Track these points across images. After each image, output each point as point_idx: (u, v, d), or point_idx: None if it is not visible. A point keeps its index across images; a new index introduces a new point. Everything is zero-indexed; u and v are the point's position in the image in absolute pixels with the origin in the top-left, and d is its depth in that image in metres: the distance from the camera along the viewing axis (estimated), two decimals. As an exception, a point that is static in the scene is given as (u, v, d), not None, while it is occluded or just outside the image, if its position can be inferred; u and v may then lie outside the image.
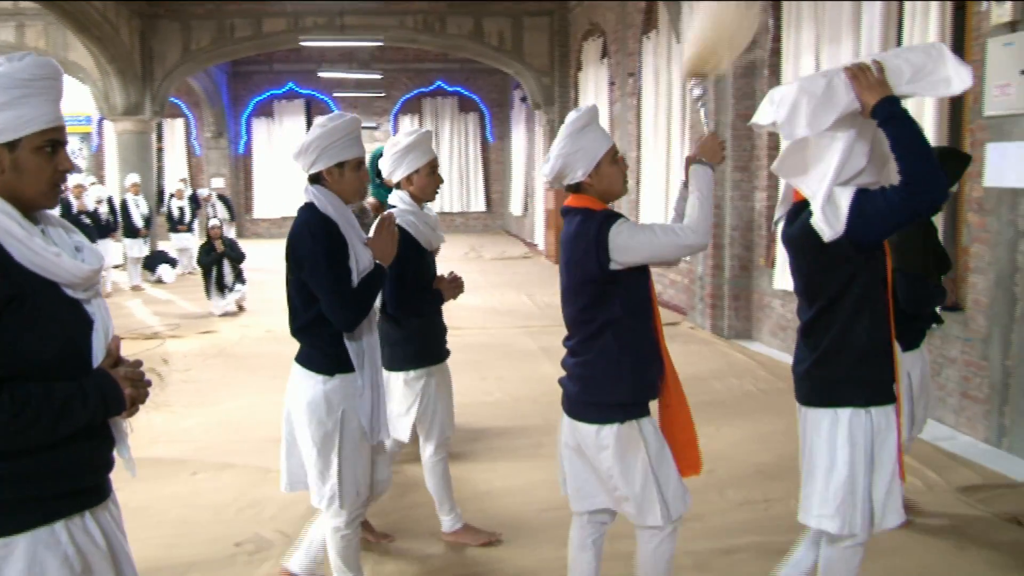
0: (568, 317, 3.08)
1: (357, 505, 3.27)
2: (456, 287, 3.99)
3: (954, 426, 5.90)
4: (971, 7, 5.81)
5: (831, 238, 2.74)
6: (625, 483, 2.95)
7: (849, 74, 2.74)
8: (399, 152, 3.88)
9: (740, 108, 8.72)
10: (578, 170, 2.96)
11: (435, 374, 3.99)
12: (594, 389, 2.97)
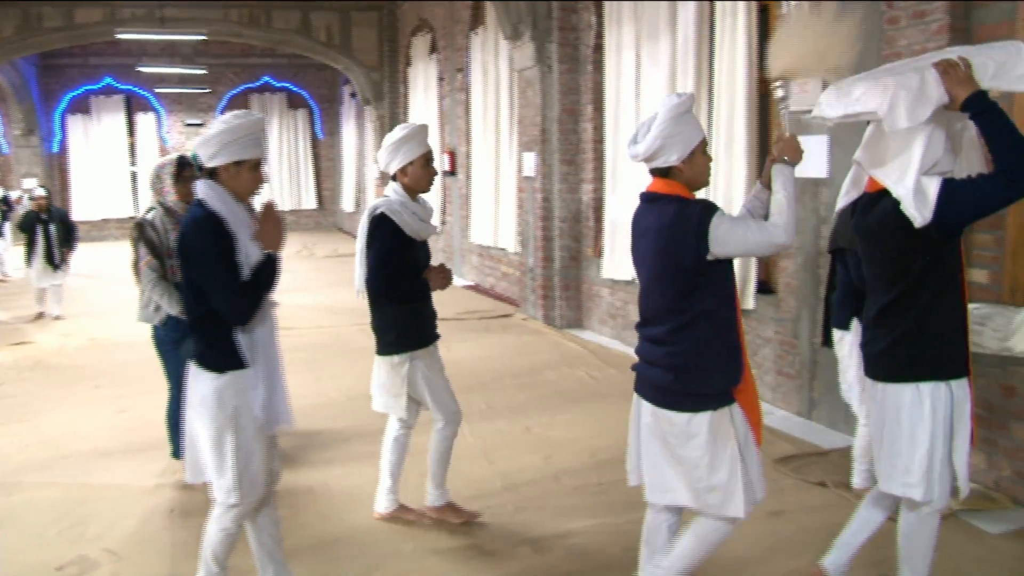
0: (653, 306, 3.04)
1: (253, 498, 3.24)
2: (444, 278, 4.13)
3: (771, 401, 6.23)
4: (773, 9, 6.13)
5: (921, 224, 2.86)
6: (712, 472, 2.94)
7: (940, 69, 2.87)
8: (393, 144, 4.01)
9: (565, 103, 8.92)
10: (673, 154, 2.94)
11: (421, 358, 4.12)
12: (690, 378, 2.94)
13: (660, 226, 2.95)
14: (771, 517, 4.32)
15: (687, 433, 2.95)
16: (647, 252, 3.03)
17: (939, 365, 3.00)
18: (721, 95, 6.50)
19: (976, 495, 4.46)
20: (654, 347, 3.03)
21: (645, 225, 3.04)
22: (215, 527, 3.29)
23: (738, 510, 2.95)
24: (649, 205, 3.05)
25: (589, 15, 8.62)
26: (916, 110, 2.87)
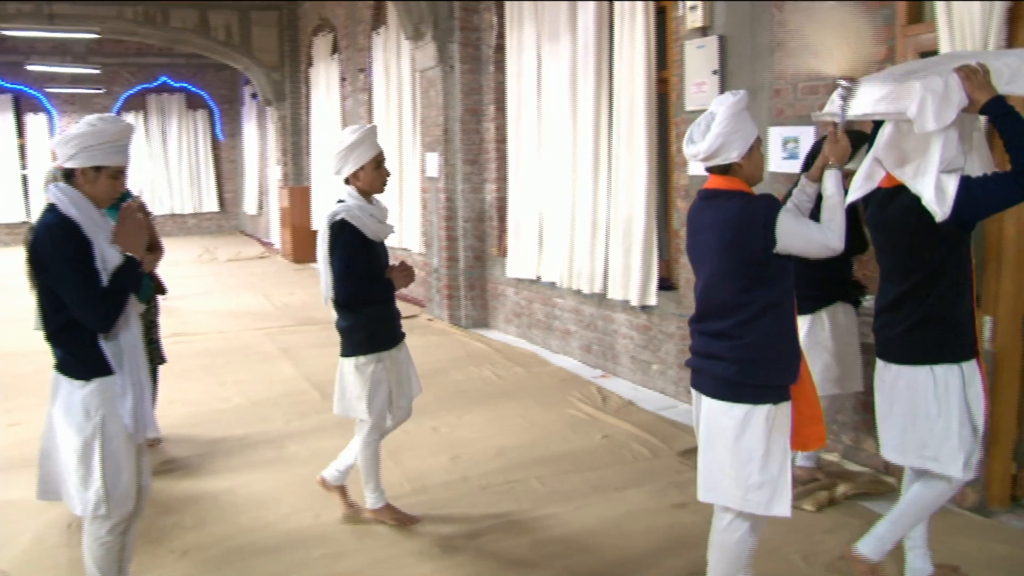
0: (716, 301, 3.05)
1: (125, 509, 3.11)
2: (407, 275, 4.17)
3: (674, 396, 6.32)
4: (670, 12, 6.23)
5: (942, 219, 3.03)
6: (763, 467, 2.95)
7: (962, 74, 3.02)
8: (344, 149, 3.99)
9: (467, 103, 8.89)
10: (733, 151, 2.96)
11: (385, 359, 4.11)
12: (755, 370, 2.96)
13: (725, 221, 2.98)
14: (676, 509, 4.38)
15: (744, 425, 2.96)
16: (710, 247, 3.04)
17: (953, 349, 3.19)
18: (621, 95, 6.56)
19: (868, 479, 4.60)
20: (716, 341, 3.06)
21: (706, 221, 3.06)
22: (92, 542, 3.15)
23: (784, 509, 2.98)
24: (709, 202, 3.07)
25: (490, 15, 8.61)
26: (942, 113, 3.01)
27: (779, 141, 5.16)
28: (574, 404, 6.24)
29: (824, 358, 4.29)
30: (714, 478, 3.07)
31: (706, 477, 3.11)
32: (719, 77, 5.60)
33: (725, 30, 5.58)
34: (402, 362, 4.27)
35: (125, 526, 3.18)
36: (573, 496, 4.59)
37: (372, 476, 4.28)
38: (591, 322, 7.31)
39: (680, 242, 6.18)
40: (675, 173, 6.25)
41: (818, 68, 3.33)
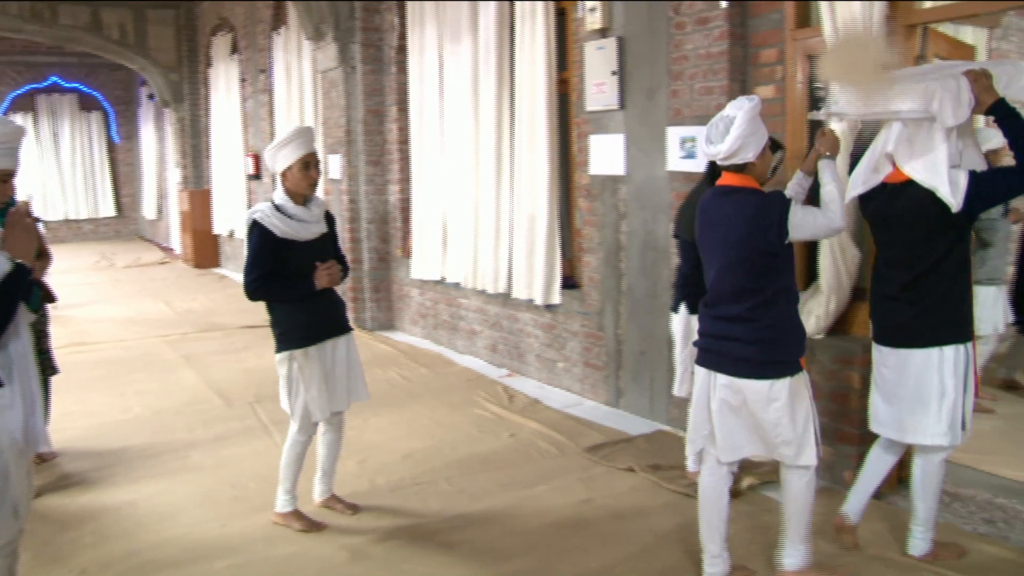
0: (732, 287, 3.30)
1: (15, 528, 2.95)
2: (330, 276, 4.08)
3: (580, 393, 6.38)
4: (570, 13, 6.28)
5: (956, 210, 3.29)
6: (791, 429, 3.27)
7: (971, 78, 3.30)
8: (274, 148, 4.02)
9: (369, 104, 8.80)
10: (750, 152, 3.22)
11: (299, 357, 4.06)
12: (774, 348, 3.26)
13: (743, 215, 3.24)
14: (582, 505, 4.41)
15: (768, 398, 3.25)
16: (726, 239, 3.30)
17: (958, 331, 3.45)
18: (522, 95, 6.58)
19: (769, 468, 4.71)
20: (732, 324, 3.31)
21: (723, 215, 3.31)
22: None
23: (810, 458, 3.33)
24: (726, 197, 3.32)
25: (392, 16, 8.54)
26: (958, 111, 3.31)
27: (677, 141, 5.25)
28: (481, 404, 6.23)
29: None
30: (734, 440, 3.38)
31: (724, 441, 3.39)
32: (618, 78, 5.67)
33: (624, 31, 5.65)
34: (335, 361, 4.20)
35: (13, 547, 3.03)
36: (481, 496, 4.58)
37: (289, 477, 4.22)
38: (496, 322, 7.32)
39: (582, 241, 6.24)
40: (576, 173, 6.30)
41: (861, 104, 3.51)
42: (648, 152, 5.53)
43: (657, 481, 4.64)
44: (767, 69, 4.88)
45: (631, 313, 5.80)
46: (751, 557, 3.77)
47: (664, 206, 5.42)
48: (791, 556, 3.51)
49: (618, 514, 4.28)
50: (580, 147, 6.19)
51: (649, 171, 5.54)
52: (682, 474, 4.65)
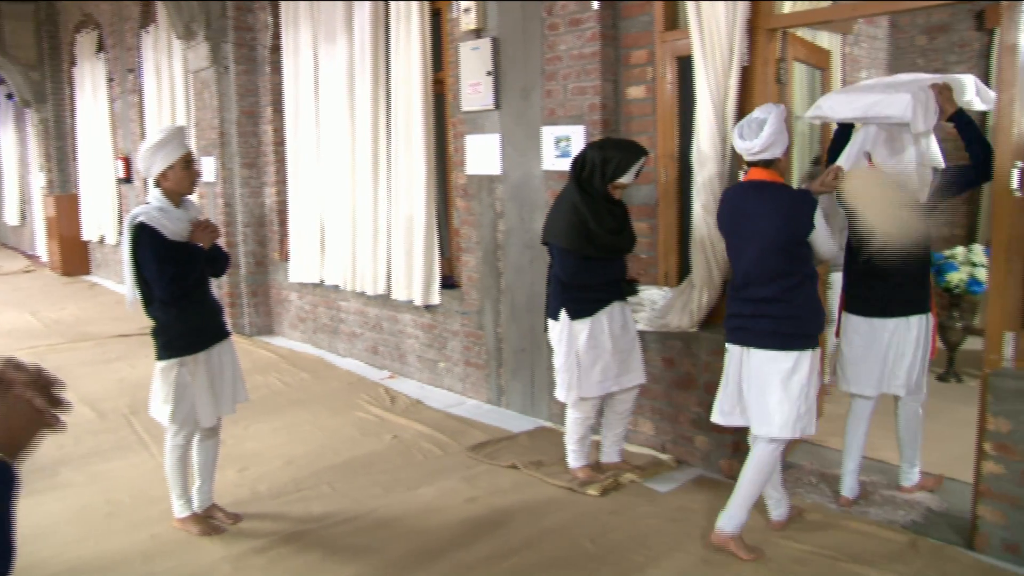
0: (765, 271, 3.63)
1: None
2: (210, 232, 4.01)
3: (461, 392, 6.35)
4: (445, 13, 6.25)
5: (923, 201, 3.82)
6: (807, 398, 3.63)
7: (936, 90, 3.84)
8: (150, 149, 3.89)
9: (243, 105, 8.56)
10: (778, 149, 3.64)
11: (189, 363, 3.97)
12: (801, 324, 3.62)
13: (778, 207, 3.62)
14: (467, 503, 4.38)
15: (793, 369, 3.61)
16: (762, 228, 3.63)
17: (927, 302, 4.02)
18: (398, 96, 6.51)
19: (649, 461, 4.80)
20: (765, 304, 3.65)
21: (756, 206, 3.67)
22: None
23: (814, 430, 3.73)
24: (757, 191, 3.69)
25: (265, 15, 8.33)
26: (927, 119, 3.79)
27: (552, 140, 5.29)
28: (363, 407, 6.14)
29: (604, 359, 4.34)
30: (766, 413, 3.67)
31: (758, 413, 3.70)
32: (493, 78, 5.67)
33: (498, 32, 5.65)
34: (222, 365, 4.12)
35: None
36: (365, 499, 4.50)
37: (178, 483, 4.10)
38: (377, 323, 7.23)
39: (460, 240, 6.22)
40: (453, 172, 6.28)
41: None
42: (524, 151, 5.55)
43: (540, 477, 4.65)
44: (638, 70, 4.95)
45: (510, 311, 5.81)
46: (635, 547, 3.82)
47: (540, 204, 5.45)
48: (725, 520, 3.78)
49: (502, 511, 4.28)
50: (456, 147, 6.16)
51: (525, 170, 5.56)
52: (564, 469, 4.68)
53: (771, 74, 4.43)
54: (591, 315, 4.31)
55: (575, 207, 4.19)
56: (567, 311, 4.32)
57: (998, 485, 3.61)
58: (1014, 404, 3.52)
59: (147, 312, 3.99)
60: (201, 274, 4.01)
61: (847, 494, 4.24)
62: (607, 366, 4.37)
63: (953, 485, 4.41)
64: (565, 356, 4.35)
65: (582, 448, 4.60)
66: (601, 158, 4.17)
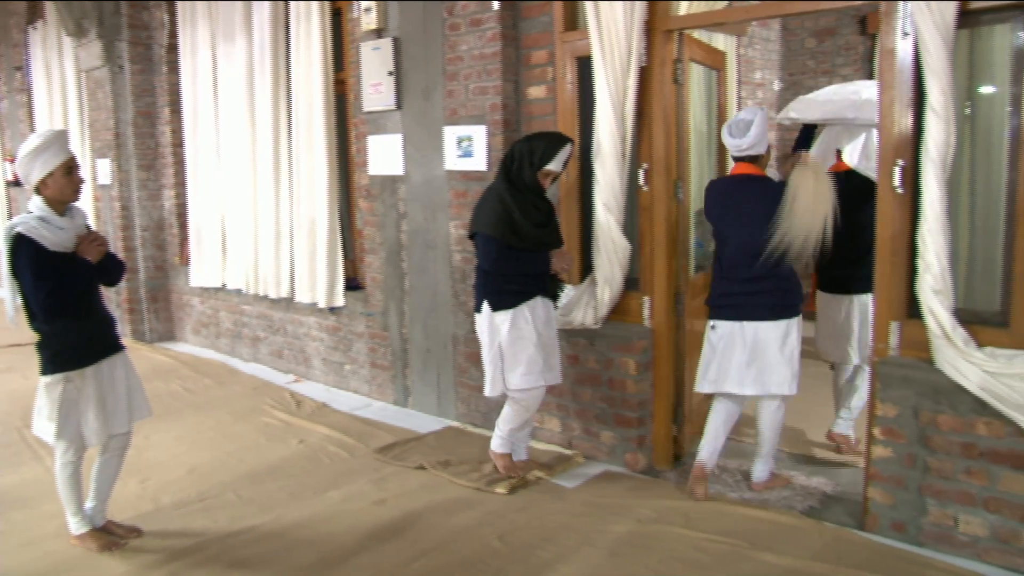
0: (752, 253, 4.05)
1: None
2: (98, 244, 3.83)
3: (368, 394, 6.28)
4: (346, 13, 6.17)
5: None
6: (793, 362, 4.12)
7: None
8: (28, 156, 3.68)
9: (139, 105, 8.29)
10: (763, 146, 4.17)
11: (76, 379, 3.77)
12: (788, 296, 4.13)
13: (765, 196, 4.06)
14: (375, 506, 4.32)
15: (784, 335, 4.11)
16: (750, 216, 4.07)
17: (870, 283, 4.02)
18: (299, 96, 6.40)
19: (555, 457, 4.82)
20: (755, 282, 4.10)
21: (742, 196, 4.16)
22: None
23: (793, 389, 4.15)
24: (743, 183, 4.19)
25: (161, 13, 8.08)
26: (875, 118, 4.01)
27: (454, 140, 5.27)
28: (268, 412, 6.01)
29: (528, 350, 4.31)
30: (764, 376, 4.12)
31: (757, 377, 4.14)
32: (395, 78, 5.62)
33: (399, 32, 5.60)
34: (114, 380, 3.90)
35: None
36: (271, 506, 4.39)
37: (72, 500, 3.91)
38: (281, 327, 7.10)
39: (363, 241, 6.16)
40: (356, 173, 6.20)
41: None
42: (426, 152, 5.52)
43: (448, 477, 4.63)
44: (538, 70, 4.98)
45: (415, 312, 5.77)
46: (544, 544, 3.84)
47: (443, 205, 5.43)
48: (760, 470, 4.39)
49: (411, 512, 4.23)
50: (359, 148, 6.09)
51: (427, 170, 5.52)
52: (473, 468, 4.67)
53: (668, 74, 4.50)
54: (513, 307, 4.28)
55: (500, 198, 4.22)
56: (488, 303, 4.31)
57: (886, 468, 3.74)
58: (900, 390, 3.65)
59: (31, 325, 3.77)
60: (89, 285, 3.81)
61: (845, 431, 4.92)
62: (532, 359, 4.32)
63: (848, 470, 4.57)
64: (488, 348, 4.34)
65: (511, 436, 4.58)
66: (528, 148, 4.22)
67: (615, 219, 4.47)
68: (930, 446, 3.61)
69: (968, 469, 3.52)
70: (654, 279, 4.60)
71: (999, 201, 3.51)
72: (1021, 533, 3.43)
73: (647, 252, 4.61)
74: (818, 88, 8.26)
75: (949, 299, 3.47)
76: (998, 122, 3.51)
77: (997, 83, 3.53)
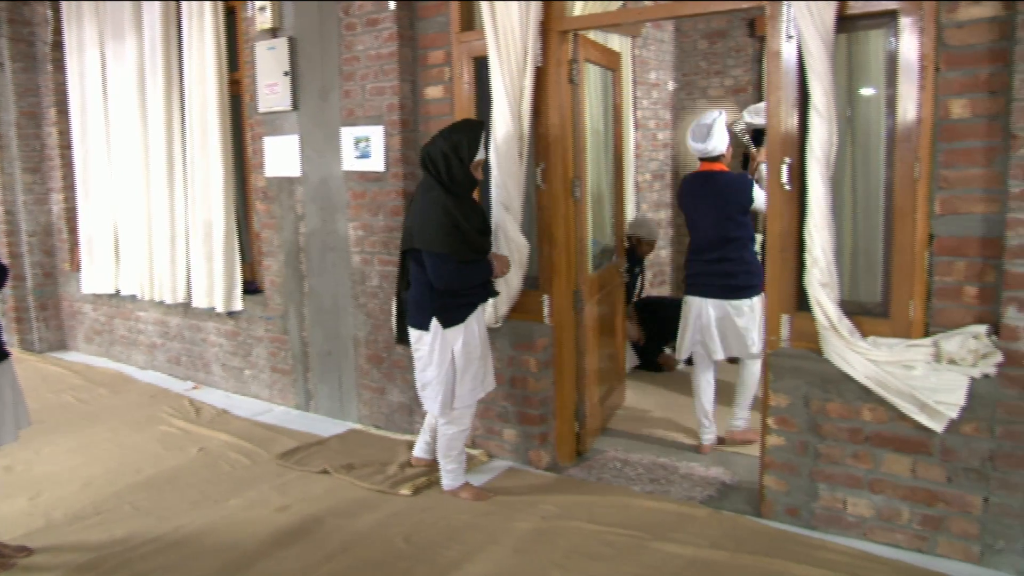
0: (720, 236, 4.74)
1: None
2: None
3: (269, 399, 6.15)
4: (240, 12, 6.02)
5: None
6: (758, 331, 4.68)
7: None
8: None
9: (23, 105, 7.90)
10: (723, 146, 4.82)
11: None
12: (752, 276, 4.73)
13: (728, 186, 4.77)
14: (278, 513, 4.23)
15: (751, 311, 4.76)
16: (716, 205, 4.75)
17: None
18: (193, 96, 6.21)
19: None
20: (722, 264, 4.74)
21: (710, 188, 4.79)
22: None
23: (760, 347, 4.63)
24: (708, 178, 4.83)
25: (44, 9, 7.74)
26: None
27: (351, 141, 5.20)
28: (166, 420, 5.82)
29: (474, 364, 4.16)
30: (747, 340, 4.76)
31: (740, 343, 4.79)
32: (291, 78, 5.51)
33: (295, 31, 5.50)
34: (0, 389, 3.74)
35: None
36: (171, 516, 4.25)
37: None
38: (178, 333, 6.89)
39: (262, 244, 6.02)
40: (252, 175, 6.06)
41: None
42: (323, 153, 5.43)
43: (352, 480, 4.57)
44: (435, 70, 4.95)
45: (315, 314, 5.68)
46: (449, 543, 3.82)
47: (342, 206, 5.35)
48: (739, 419, 5.01)
49: (315, 517, 4.15)
50: (255, 149, 5.95)
51: (325, 172, 5.44)
52: (376, 470, 4.62)
53: (564, 74, 4.53)
54: (463, 321, 4.08)
55: (445, 209, 3.93)
56: (439, 320, 4.05)
57: (780, 455, 3.85)
58: (791, 380, 3.76)
59: None
60: None
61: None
62: (477, 371, 4.17)
63: (744, 459, 4.70)
64: (438, 367, 4.09)
65: (463, 463, 4.37)
66: (449, 145, 3.97)
67: (513, 218, 4.47)
68: (820, 433, 3.73)
69: (855, 453, 3.65)
70: (553, 277, 4.63)
71: (879, 197, 3.64)
72: (902, 511, 3.58)
73: (545, 251, 4.63)
74: (710, 88, 8.53)
75: (835, 292, 3.58)
76: (876, 123, 3.64)
77: (874, 85, 3.67)
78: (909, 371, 3.41)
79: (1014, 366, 3.27)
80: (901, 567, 3.46)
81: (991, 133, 3.31)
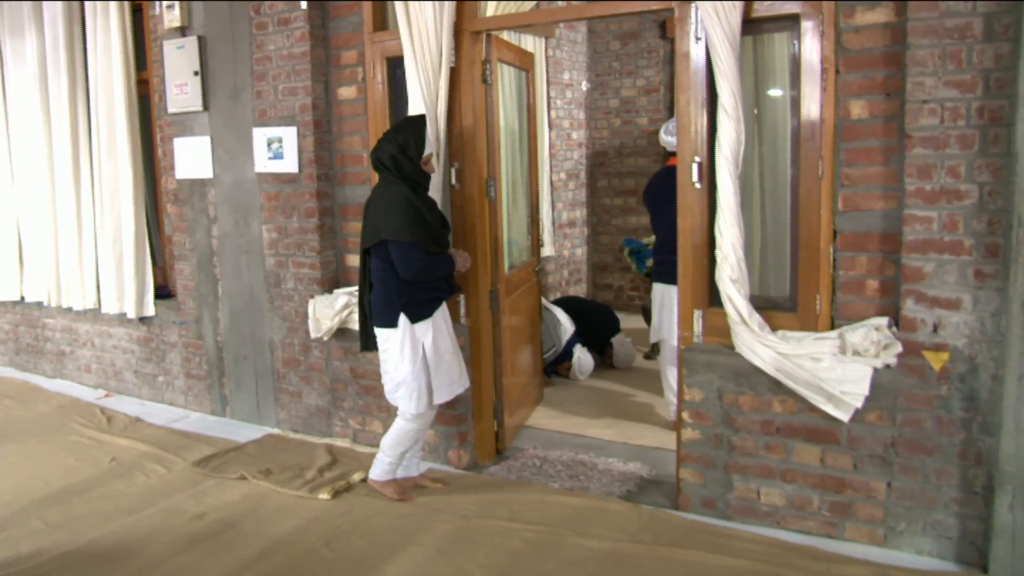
0: (671, 228, 4.26)
1: None
2: None
3: (184, 406, 5.99)
4: (147, 10, 5.84)
5: None
6: None
7: None
8: None
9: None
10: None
11: None
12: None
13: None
14: (194, 521, 4.12)
15: None
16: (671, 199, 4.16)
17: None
18: (99, 95, 6.00)
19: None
20: (672, 255, 4.27)
21: (673, 184, 4.10)
22: None
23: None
24: (674, 173, 4.16)
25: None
26: None
27: (263, 142, 5.10)
28: (76, 430, 5.60)
29: (447, 359, 4.11)
30: (669, 325, 4.95)
31: (669, 324, 4.99)
32: (201, 78, 5.37)
33: (204, 30, 5.35)
34: None
35: None
36: (82, 530, 4.08)
37: None
38: (88, 340, 6.65)
39: (173, 248, 5.86)
40: (163, 177, 5.89)
41: None
42: (235, 154, 5.30)
43: (271, 486, 4.48)
44: (348, 70, 4.88)
45: (229, 318, 5.55)
46: (370, 546, 3.77)
47: (255, 208, 5.24)
48: (670, 396, 5.13)
49: (232, 524, 4.06)
50: (165, 151, 5.78)
51: (238, 173, 5.31)
52: (295, 475, 4.55)
53: (477, 75, 4.51)
54: (430, 316, 4.03)
55: (409, 201, 3.91)
56: (407, 314, 3.99)
57: (695, 449, 3.91)
58: (704, 375, 3.82)
59: None
60: None
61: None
62: (451, 368, 4.12)
63: (662, 454, 4.75)
64: (411, 363, 4.02)
65: (399, 461, 4.30)
66: (397, 147, 3.96)
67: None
68: (734, 426, 3.80)
69: (767, 444, 3.73)
70: (469, 277, 4.61)
71: (786, 195, 3.73)
72: (813, 499, 3.67)
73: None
74: (623, 88, 8.63)
75: (745, 287, 3.65)
76: (782, 122, 3.73)
77: (780, 86, 3.75)
78: (817, 363, 3.50)
79: (913, 356, 3.38)
80: (812, 552, 3.55)
81: (888, 133, 3.42)
